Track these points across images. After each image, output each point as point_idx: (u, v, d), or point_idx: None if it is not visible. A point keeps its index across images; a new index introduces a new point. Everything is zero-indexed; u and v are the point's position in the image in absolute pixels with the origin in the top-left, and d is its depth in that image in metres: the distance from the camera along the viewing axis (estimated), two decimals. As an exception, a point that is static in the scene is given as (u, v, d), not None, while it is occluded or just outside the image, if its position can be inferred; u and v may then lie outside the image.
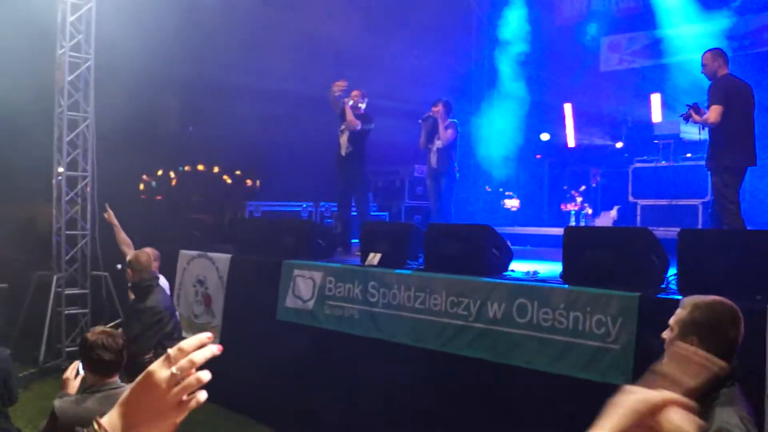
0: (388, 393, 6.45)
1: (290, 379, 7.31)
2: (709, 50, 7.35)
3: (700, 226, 9.22)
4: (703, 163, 9.88)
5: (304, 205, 11.34)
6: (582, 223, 10.40)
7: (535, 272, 6.31)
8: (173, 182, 13.57)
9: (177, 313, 6.24)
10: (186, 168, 13.67)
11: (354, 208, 9.38)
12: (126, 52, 9.49)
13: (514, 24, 13.02)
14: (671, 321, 3.12)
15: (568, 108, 12.52)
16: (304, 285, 7.48)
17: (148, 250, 6.16)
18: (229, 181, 13.98)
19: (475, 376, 5.96)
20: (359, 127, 9.11)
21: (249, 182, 14.11)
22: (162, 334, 5.55)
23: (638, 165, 10.39)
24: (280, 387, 7.41)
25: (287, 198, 11.36)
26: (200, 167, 13.81)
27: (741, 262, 4.91)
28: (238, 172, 14.15)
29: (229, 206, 11.22)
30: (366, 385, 6.67)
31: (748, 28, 11.32)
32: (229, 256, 8.50)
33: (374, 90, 9.91)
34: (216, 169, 13.90)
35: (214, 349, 1.18)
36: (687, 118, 7.31)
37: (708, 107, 7.09)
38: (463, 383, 6.04)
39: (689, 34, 11.64)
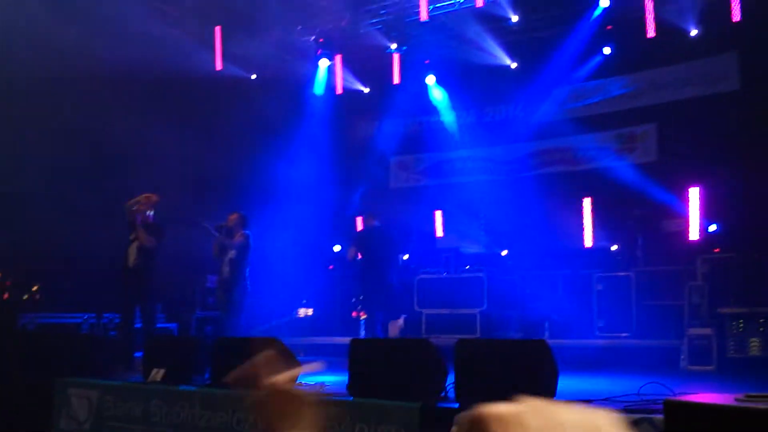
0: None
1: None
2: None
3: (478, 334, 9.78)
4: (480, 275, 10.64)
5: (86, 317, 10.69)
6: (370, 333, 10.65)
7: (323, 384, 6.34)
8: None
9: None
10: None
11: (139, 320, 8.99)
12: None
13: (309, 138, 13.47)
14: None
15: (359, 221, 13.00)
16: (80, 405, 6.98)
17: None
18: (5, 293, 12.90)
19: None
20: (153, 244, 8.86)
21: (33, 289, 13.09)
22: None
23: (423, 276, 10.93)
24: None
25: (68, 308, 10.67)
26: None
27: (510, 368, 5.26)
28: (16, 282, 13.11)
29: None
30: None
31: (516, 155, 12.53)
32: (-6, 374, 7.75)
33: (164, 193, 9.78)
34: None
35: None
36: None
37: None
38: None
39: (467, 158, 12.70)
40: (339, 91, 13.01)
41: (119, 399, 6.74)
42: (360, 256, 10.00)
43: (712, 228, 10.17)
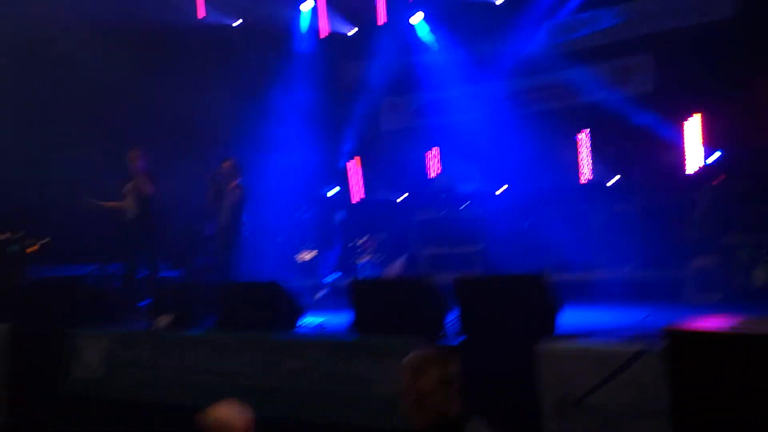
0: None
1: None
2: None
3: (479, 272, 9.84)
4: (479, 212, 10.66)
5: (91, 268, 10.78)
6: (371, 274, 10.73)
7: (324, 324, 6.44)
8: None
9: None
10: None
11: (143, 269, 9.10)
12: None
13: (299, 82, 13.33)
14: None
15: (353, 164, 12.97)
16: (91, 353, 7.10)
17: None
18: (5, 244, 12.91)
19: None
20: (152, 191, 8.99)
21: (30, 245, 13.12)
22: None
23: (421, 216, 10.95)
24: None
25: (72, 260, 10.75)
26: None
27: (510, 304, 5.32)
28: (13, 234, 13.11)
29: (4, 272, 10.39)
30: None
31: (508, 91, 12.40)
32: (5, 326, 7.87)
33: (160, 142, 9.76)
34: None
35: None
36: None
37: None
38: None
39: (459, 96, 12.57)
40: (324, 33, 12.80)
41: (128, 346, 6.86)
42: None
43: (715, 156, 10.10)
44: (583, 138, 11.02)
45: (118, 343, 6.94)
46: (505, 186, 11.60)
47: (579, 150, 11.03)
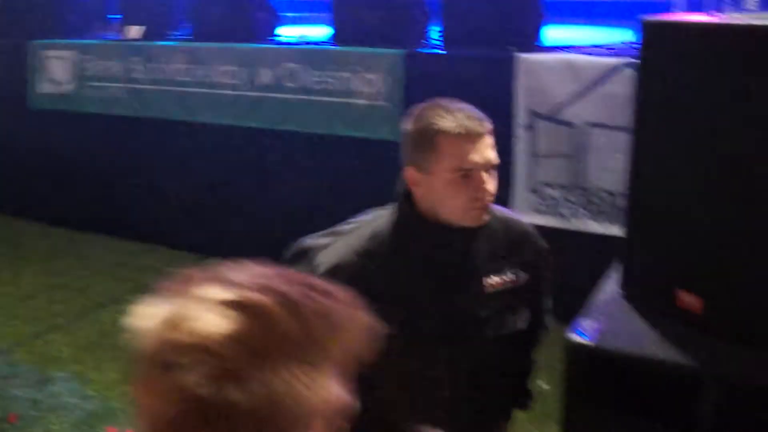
0: (162, 171, 6.39)
1: (53, 170, 6.91)
2: None
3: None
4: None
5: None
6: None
7: (304, 35, 6.27)
8: None
9: None
10: None
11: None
12: None
13: None
14: None
15: None
16: (59, 67, 6.89)
17: None
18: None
19: (250, 146, 6.00)
20: None
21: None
22: None
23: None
24: (43, 180, 7.00)
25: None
26: None
27: (496, 14, 5.18)
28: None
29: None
30: (137, 166, 6.52)
31: None
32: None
33: None
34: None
35: None
36: None
37: None
38: (239, 153, 6.08)
39: None
40: None
41: (98, 58, 6.64)
42: None
43: None
44: None
45: (88, 55, 6.72)
46: None
47: None
